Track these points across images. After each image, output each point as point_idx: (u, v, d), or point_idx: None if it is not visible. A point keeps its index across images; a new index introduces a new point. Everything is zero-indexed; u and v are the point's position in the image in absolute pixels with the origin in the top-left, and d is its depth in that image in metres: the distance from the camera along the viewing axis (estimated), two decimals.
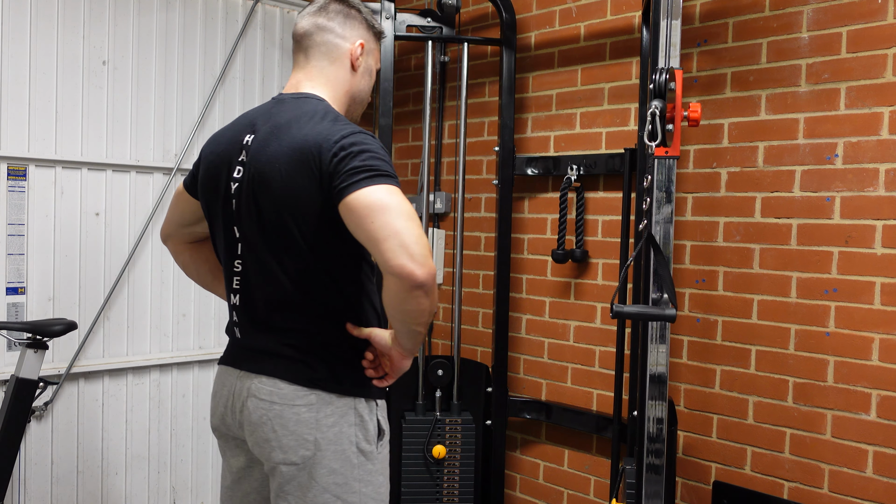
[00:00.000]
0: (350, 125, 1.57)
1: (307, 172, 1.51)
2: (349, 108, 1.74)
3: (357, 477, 1.61)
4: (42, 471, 2.84)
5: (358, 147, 1.50)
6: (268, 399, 1.60)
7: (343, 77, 1.70)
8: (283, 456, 1.60)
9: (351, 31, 1.70)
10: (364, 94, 1.75)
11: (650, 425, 2.04)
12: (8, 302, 2.73)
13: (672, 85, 1.91)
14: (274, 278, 1.59)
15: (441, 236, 3.47)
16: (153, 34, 3.05)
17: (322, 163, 1.50)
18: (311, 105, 1.62)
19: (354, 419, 1.62)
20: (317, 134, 1.53)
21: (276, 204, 1.55)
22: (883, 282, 2.24)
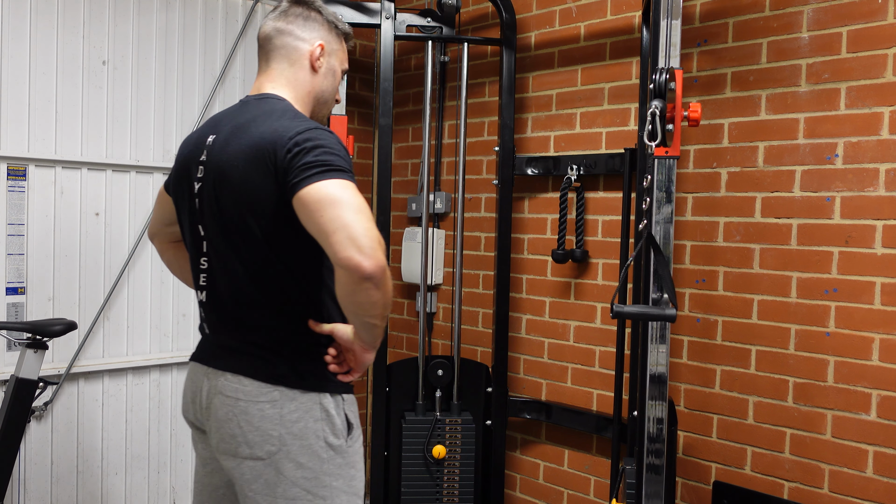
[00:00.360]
0: (307, 122, 1.59)
1: (263, 169, 1.54)
2: (314, 109, 1.78)
3: (327, 471, 1.63)
4: (42, 471, 2.84)
5: (312, 143, 1.52)
6: (233, 396, 1.64)
7: (304, 78, 1.74)
8: (249, 451, 1.63)
9: (310, 33, 1.73)
10: (328, 94, 1.78)
11: (650, 425, 2.04)
12: (8, 302, 2.73)
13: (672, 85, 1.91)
14: (236, 275, 1.63)
15: (441, 236, 3.47)
16: (153, 34, 3.05)
17: (277, 158, 1.53)
18: (272, 105, 1.67)
19: (320, 414, 1.63)
20: (273, 131, 1.56)
21: (235, 201, 1.59)
22: (883, 282, 2.24)
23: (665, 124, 1.90)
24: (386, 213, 3.00)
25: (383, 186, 3.01)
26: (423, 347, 3.22)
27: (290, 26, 1.73)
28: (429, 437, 3.01)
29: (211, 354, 1.72)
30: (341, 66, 1.79)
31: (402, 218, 3.68)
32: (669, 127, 1.91)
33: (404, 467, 3.02)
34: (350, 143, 2.95)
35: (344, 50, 1.81)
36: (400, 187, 3.69)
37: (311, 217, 1.48)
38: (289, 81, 1.72)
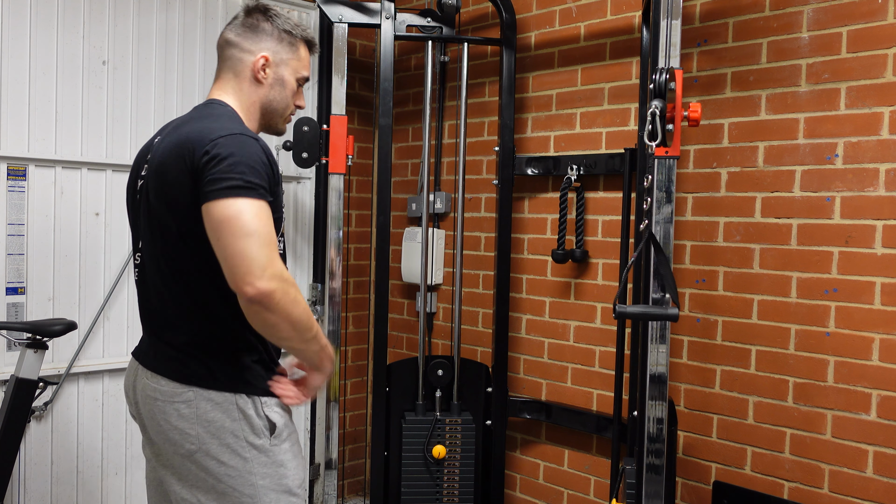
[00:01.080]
0: (234, 126, 1.62)
1: (182, 166, 1.58)
2: (263, 118, 1.81)
3: (251, 470, 1.67)
4: (42, 471, 2.84)
5: (227, 150, 1.55)
6: (152, 395, 1.69)
7: (247, 89, 1.78)
8: (172, 449, 1.68)
9: (257, 44, 1.77)
10: (277, 104, 1.80)
11: (650, 425, 2.04)
12: (8, 302, 2.73)
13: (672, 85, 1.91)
14: (160, 272, 1.68)
15: (441, 236, 3.47)
16: (153, 34, 3.05)
17: (194, 159, 1.56)
18: (212, 109, 1.73)
19: (237, 414, 1.66)
20: (198, 131, 1.61)
21: (158, 198, 1.64)
22: (883, 282, 2.24)
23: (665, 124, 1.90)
24: (386, 213, 3.00)
25: (383, 186, 3.01)
26: (423, 347, 3.22)
27: (238, 38, 1.78)
28: (429, 437, 3.02)
29: (142, 350, 1.78)
30: (295, 74, 1.81)
31: (402, 218, 3.68)
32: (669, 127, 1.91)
33: (404, 467, 3.02)
34: (350, 143, 2.95)
35: (300, 58, 1.83)
36: (400, 187, 3.69)
37: (211, 235, 1.53)
38: (234, 91, 1.78)
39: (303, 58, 1.84)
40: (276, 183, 1.65)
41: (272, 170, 1.62)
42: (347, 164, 2.95)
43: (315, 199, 3.46)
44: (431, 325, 3.57)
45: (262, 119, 1.82)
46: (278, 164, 1.70)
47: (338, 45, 2.98)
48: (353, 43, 3.64)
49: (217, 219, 1.51)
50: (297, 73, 1.82)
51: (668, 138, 1.93)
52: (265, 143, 1.65)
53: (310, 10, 3.47)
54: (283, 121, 1.85)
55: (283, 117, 1.85)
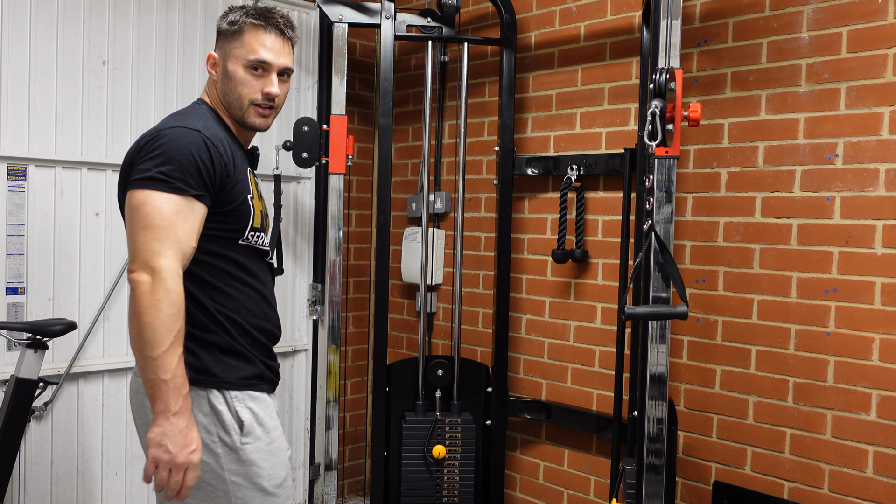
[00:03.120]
0: (185, 121, 1.68)
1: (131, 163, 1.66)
2: (227, 110, 1.83)
3: (222, 466, 1.67)
4: (42, 471, 2.84)
5: (158, 143, 1.61)
6: (135, 388, 1.72)
7: (209, 86, 1.86)
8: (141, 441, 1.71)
9: (214, 45, 1.86)
10: (230, 96, 1.80)
11: (650, 425, 2.04)
12: (8, 302, 2.73)
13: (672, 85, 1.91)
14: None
15: (441, 236, 3.47)
16: (153, 34, 3.05)
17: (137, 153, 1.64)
18: (188, 107, 1.82)
19: (207, 409, 1.66)
20: (151, 129, 1.69)
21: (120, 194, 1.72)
22: (883, 282, 2.24)
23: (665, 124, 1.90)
24: (386, 213, 3.00)
25: (383, 186, 3.01)
26: (423, 347, 3.22)
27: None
28: (429, 437, 3.01)
29: None
30: (241, 62, 1.77)
31: (402, 218, 3.68)
32: (669, 127, 1.90)
33: (404, 467, 3.02)
34: (350, 143, 2.95)
35: (245, 43, 1.77)
36: (400, 187, 3.69)
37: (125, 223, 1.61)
38: (206, 91, 1.86)
39: (247, 42, 1.77)
40: (225, 176, 1.66)
41: (210, 162, 1.62)
42: (347, 164, 2.95)
43: (315, 199, 3.46)
44: (431, 325, 3.57)
45: (227, 111, 1.83)
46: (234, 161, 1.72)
47: (338, 45, 2.98)
48: (353, 43, 3.64)
49: (128, 207, 1.58)
50: (244, 59, 1.77)
51: (668, 138, 1.93)
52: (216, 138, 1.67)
53: (310, 10, 3.47)
54: (244, 113, 1.80)
55: (244, 110, 1.79)
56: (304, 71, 3.49)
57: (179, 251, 1.55)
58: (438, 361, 3.11)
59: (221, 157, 1.65)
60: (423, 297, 3.22)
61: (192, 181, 1.58)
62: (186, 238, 1.57)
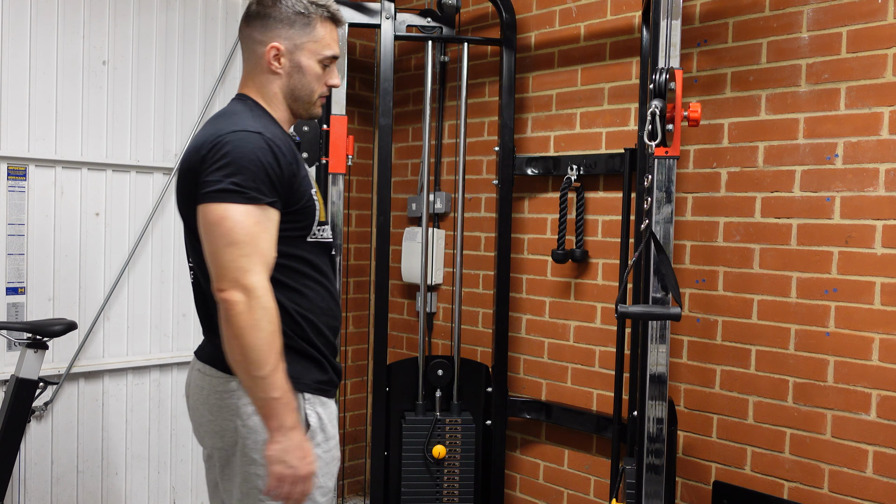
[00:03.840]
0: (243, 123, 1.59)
1: (192, 170, 1.58)
2: (289, 106, 1.74)
3: None
4: (42, 471, 2.84)
5: (223, 151, 1.53)
6: (200, 384, 1.68)
7: (265, 80, 1.71)
8: (211, 441, 1.67)
9: (266, 34, 1.69)
10: (301, 91, 1.71)
11: (650, 425, 2.04)
12: (8, 302, 2.73)
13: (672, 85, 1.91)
14: (202, 269, 1.65)
15: (441, 236, 3.47)
16: (153, 34, 3.05)
17: (198, 161, 1.57)
18: (234, 105, 1.70)
19: None
20: (208, 134, 1.59)
21: (182, 206, 1.66)
22: (883, 282, 2.24)
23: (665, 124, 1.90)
24: (386, 213, 3.00)
25: (383, 186, 3.01)
26: (423, 347, 3.22)
27: (249, 29, 1.71)
28: (429, 437, 3.01)
29: (200, 346, 1.78)
30: (315, 56, 1.70)
31: (402, 218, 3.68)
32: (669, 127, 1.91)
33: (404, 467, 3.02)
34: (350, 143, 2.95)
35: (319, 38, 1.70)
36: (400, 187, 3.69)
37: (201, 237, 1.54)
38: (255, 83, 1.72)
39: (322, 37, 1.70)
40: (292, 175, 1.60)
41: (277, 164, 1.56)
42: (347, 164, 2.95)
43: None
44: (431, 325, 3.57)
45: (290, 108, 1.74)
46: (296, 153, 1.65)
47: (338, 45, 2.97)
48: (353, 43, 3.64)
49: (204, 222, 1.52)
50: (318, 54, 1.70)
51: (668, 138, 1.93)
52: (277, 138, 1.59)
53: None
54: (312, 106, 1.75)
55: (311, 102, 1.74)
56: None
57: (265, 264, 1.52)
58: (438, 361, 3.11)
59: (286, 156, 1.59)
60: (423, 297, 3.22)
61: (264, 188, 1.52)
62: (269, 249, 1.54)
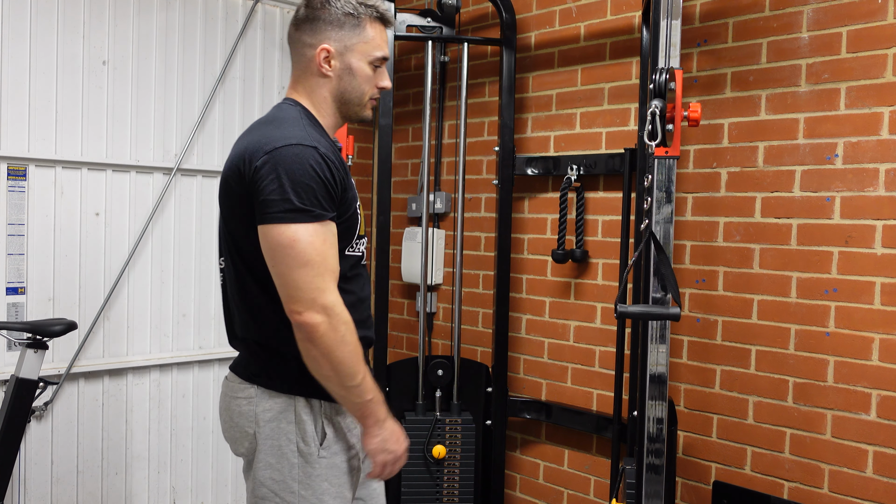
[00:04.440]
0: (292, 134, 1.56)
1: (239, 178, 1.57)
2: (339, 110, 1.72)
3: (295, 478, 1.62)
4: (42, 471, 2.84)
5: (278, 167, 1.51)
6: (225, 391, 1.72)
7: (315, 83, 1.69)
8: (234, 447, 1.70)
9: (316, 36, 1.66)
10: (351, 94, 1.69)
11: (650, 425, 2.04)
12: (8, 302, 2.73)
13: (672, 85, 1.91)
14: (230, 277, 1.69)
15: (441, 236, 3.47)
16: (153, 34, 3.05)
17: (247, 173, 1.54)
18: (279, 111, 1.67)
19: (293, 417, 1.63)
20: (256, 141, 1.57)
21: (223, 204, 1.67)
22: (883, 282, 2.24)
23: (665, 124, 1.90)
24: (386, 213, 3.00)
25: (383, 186, 3.01)
26: (423, 347, 3.22)
27: (298, 33, 1.69)
28: (429, 437, 3.01)
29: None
30: (366, 58, 1.67)
31: (402, 218, 3.68)
32: (669, 127, 1.90)
33: (404, 467, 3.01)
34: (350, 143, 2.95)
35: (369, 39, 1.67)
36: (400, 187, 3.69)
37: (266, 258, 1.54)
38: (304, 87, 1.70)
39: (372, 38, 1.67)
40: (344, 189, 1.59)
41: (333, 179, 1.54)
42: (347, 163, 2.95)
43: None
44: (431, 325, 3.57)
45: (339, 112, 1.72)
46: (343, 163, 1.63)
47: None
48: None
49: (271, 244, 1.51)
50: (369, 55, 1.67)
51: (668, 138, 1.92)
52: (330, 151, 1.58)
53: None
54: (362, 108, 1.72)
55: (361, 105, 1.71)
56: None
57: (335, 280, 1.54)
58: (438, 361, 3.11)
59: (339, 171, 1.57)
60: (423, 297, 3.22)
61: (325, 204, 1.53)
62: (336, 264, 1.55)
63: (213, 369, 3.28)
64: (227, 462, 3.34)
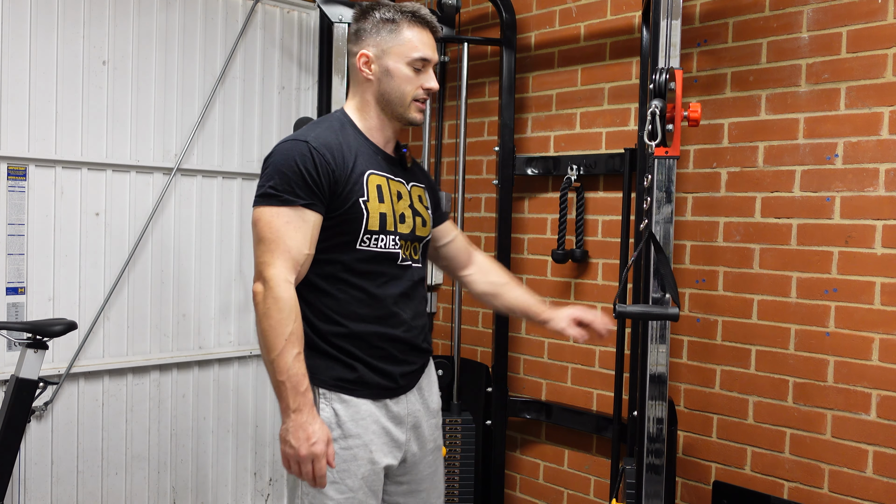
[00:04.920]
0: (303, 133, 1.73)
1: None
2: (384, 112, 1.81)
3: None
4: (42, 471, 2.84)
5: (268, 161, 1.71)
6: None
7: (361, 88, 1.82)
8: None
9: (357, 45, 1.80)
10: (392, 94, 1.77)
11: (650, 425, 2.04)
12: (8, 302, 2.73)
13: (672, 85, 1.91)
14: None
15: None
16: (153, 34, 3.05)
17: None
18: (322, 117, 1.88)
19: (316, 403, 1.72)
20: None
21: None
22: (883, 282, 2.24)
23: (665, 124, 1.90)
24: None
25: None
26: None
27: (349, 44, 1.84)
28: None
29: None
30: (404, 59, 1.76)
31: None
32: (669, 127, 1.90)
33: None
34: None
35: (406, 41, 1.75)
36: None
37: None
38: (353, 94, 1.85)
39: (409, 39, 1.75)
40: (336, 182, 1.68)
41: (316, 171, 1.65)
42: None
43: None
44: (431, 325, 3.56)
45: (385, 113, 1.80)
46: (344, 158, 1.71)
47: (338, 45, 2.97)
48: None
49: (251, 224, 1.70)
50: (407, 57, 1.76)
51: (668, 138, 1.92)
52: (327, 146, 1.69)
53: (310, 10, 3.48)
54: (406, 110, 1.79)
55: (405, 106, 1.78)
56: (304, 71, 3.49)
57: (290, 259, 1.63)
58: (438, 361, 3.10)
59: (329, 164, 1.67)
60: None
61: (299, 191, 1.64)
62: (297, 246, 1.64)
63: (213, 369, 3.28)
64: (228, 462, 3.34)
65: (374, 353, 1.75)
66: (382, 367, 1.75)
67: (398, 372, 1.78)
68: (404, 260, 1.79)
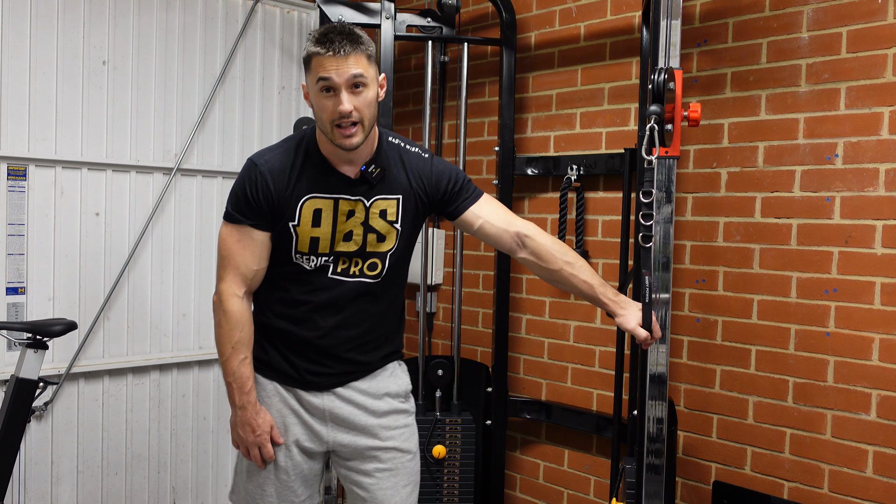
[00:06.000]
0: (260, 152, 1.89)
1: None
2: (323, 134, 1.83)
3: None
4: (42, 471, 2.84)
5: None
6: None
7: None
8: None
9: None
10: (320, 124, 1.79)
11: (650, 425, 2.04)
12: (8, 302, 2.73)
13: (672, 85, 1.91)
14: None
15: (441, 236, 3.47)
16: (153, 34, 3.05)
17: None
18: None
19: None
20: None
21: None
22: (883, 282, 2.24)
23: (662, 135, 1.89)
24: None
25: None
26: (423, 347, 3.22)
27: None
28: (429, 437, 3.01)
29: None
30: (314, 87, 1.76)
31: None
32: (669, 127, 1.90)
33: None
34: None
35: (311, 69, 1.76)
36: None
37: None
38: None
39: (313, 66, 1.75)
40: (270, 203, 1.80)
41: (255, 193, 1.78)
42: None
43: None
44: (431, 325, 3.57)
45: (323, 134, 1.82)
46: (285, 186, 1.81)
47: None
48: None
49: None
50: (315, 84, 1.75)
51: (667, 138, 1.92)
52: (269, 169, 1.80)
53: (310, 10, 3.48)
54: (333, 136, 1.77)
55: (330, 134, 1.77)
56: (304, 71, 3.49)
57: (239, 275, 1.82)
58: (438, 361, 3.10)
59: (269, 187, 1.79)
60: (423, 296, 3.22)
61: (247, 211, 1.80)
62: (246, 263, 1.82)
63: (213, 369, 3.28)
64: (228, 462, 3.34)
65: (288, 347, 1.90)
66: (291, 359, 1.90)
67: (305, 367, 1.90)
68: (341, 274, 1.87)
